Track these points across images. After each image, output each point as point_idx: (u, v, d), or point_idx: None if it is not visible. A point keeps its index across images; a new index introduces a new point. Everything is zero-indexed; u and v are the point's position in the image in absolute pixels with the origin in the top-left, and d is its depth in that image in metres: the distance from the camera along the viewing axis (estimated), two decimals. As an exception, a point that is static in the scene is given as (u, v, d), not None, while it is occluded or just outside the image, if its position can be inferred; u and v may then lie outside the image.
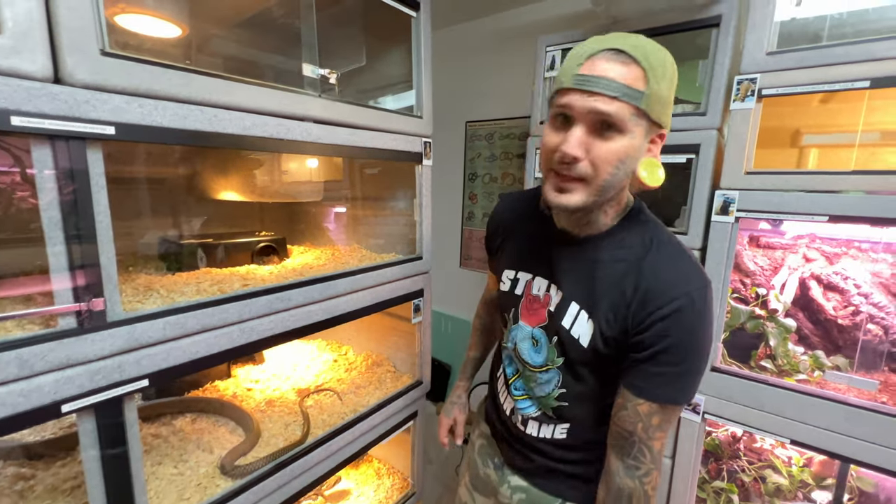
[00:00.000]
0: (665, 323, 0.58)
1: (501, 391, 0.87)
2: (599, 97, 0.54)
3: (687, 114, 1.22)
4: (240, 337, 0.87)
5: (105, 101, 0.65)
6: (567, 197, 0.60)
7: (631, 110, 0.55)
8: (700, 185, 1.19)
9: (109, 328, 0.68)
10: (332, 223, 1.70)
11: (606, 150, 0.56)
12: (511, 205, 0.87)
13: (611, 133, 0.56)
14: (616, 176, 0.59)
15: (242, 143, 0.83)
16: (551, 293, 0.72)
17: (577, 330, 0.67)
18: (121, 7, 0.94)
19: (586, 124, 0.57)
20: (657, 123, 0.59)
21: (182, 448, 1.05)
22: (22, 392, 0.61)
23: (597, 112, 0.55)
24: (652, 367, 0.61)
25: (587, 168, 0.58)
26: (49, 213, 0.62)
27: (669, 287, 0.59)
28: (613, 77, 0.54)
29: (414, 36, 1.24)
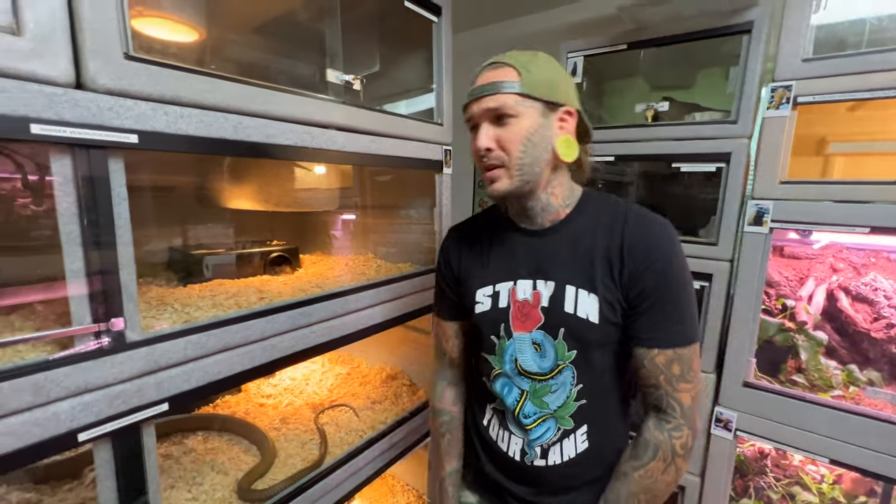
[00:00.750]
0: (657, 272, 0.66)
1: (500, 437, 0.79)
2: (485, 98, 0.67)
3: (716, 122, 1.19)
4: (261, 355, 0.82)
5: (130, 108, 0.61)
6: (498, 183, 0.69)
7: (514, 97, 0.66)
8: (731, 195, 1.16)
9: (129, 349, 0.64)
10: (342, 231, 1.66)
11: (508, 133, 0.67)
12: (460, 234, 0.86)
13: (506, 120, 0.67)
14: (527, 153, 0.67)
15: (266, 152, 0.79)
16: (540, 289, 0.72)
17: (583, 310, 0.69)
18: (138, 10, 0.90)
19: (487, 122, 0.68)
20: (553, 102, 0.68)
21: (196, 470, 1.00)
22: (37, 421, 0.56)
23: (487, 109, 0.67)
24: (655, 315, 0.66)
25: (500, 153, 0.68)
26: (68, 227, 0.58)
27: (650, 235, 0.67)
28: (491, 80, 0.67)
29: (435, 41, 1.21)
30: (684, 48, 1.32)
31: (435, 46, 1.21)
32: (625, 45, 1.28)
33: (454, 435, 0.89)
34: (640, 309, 0.67)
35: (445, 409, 0.89)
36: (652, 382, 0.68)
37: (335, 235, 1.70)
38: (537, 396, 0.74)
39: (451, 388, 0.90)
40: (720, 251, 1.18)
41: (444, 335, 0.88)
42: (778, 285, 1.36)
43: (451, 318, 0.87)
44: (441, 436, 0.89)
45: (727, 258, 1.18)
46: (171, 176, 1.33)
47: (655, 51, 1.33)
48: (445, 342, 0.88)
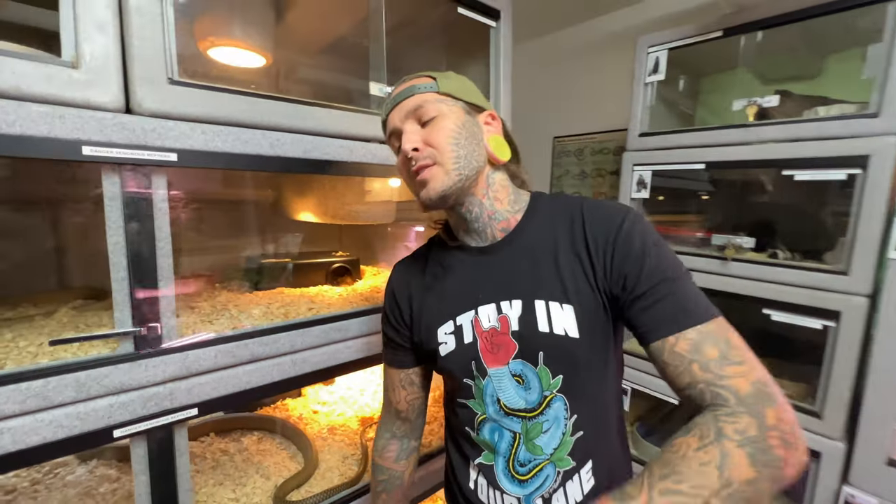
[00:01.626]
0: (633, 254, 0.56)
1: (492, 499, 0.66)
2: (404, 101, 0.63)
3: (846, 117, 0.93)
4: (291, 368, 0.83)
5: (171, 128, 0.66)
6: (430, 185, 0.61)
7: (433, 96, 0.62)
8: (869, 211, 0.89)
9: (163, 355, 0.68)
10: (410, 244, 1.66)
11: (436, 129, 0.61)
12: (406, 270, 0.76)
13: (430, 120, 0.62)
14: (459, 147, 0.61)
15: (303, 167, 0.80)
16: (506, 311, 0.62)
17: (559, 326, 0.59)
18: (210, 41, 1.00)
19: (411, 123, 0.63)
20: (474, 105, 0.65)
21: (243, 470, 1.05)
22: (79, 415, 0.62)
23: (410, 108, 0.62)
24: (652, 299, 0.53)
25: (431, 151, 0.61)
26: (114, 238, 0.63)
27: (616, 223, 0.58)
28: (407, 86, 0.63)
29: (493, 47, 1.15)
30: (805, 29, 1.07)
31: (493, 52, 1.15)
32: (720, 31, 1.08)
33: (391, 496, 0.80)
34: (633, 300, 0.55)
35: (385, 466, 0.80)
36: (686, 380, 0.49)
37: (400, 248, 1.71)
38: (529, 439, 0.62)
39: (395, 443, 0.80)
40: (853, 283, 0.91)
41: (391, 384, 0.78)
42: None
43: (401, 366, 0.75)
44: (376, 495, 0.80)
45: (864, 292, 0.90)
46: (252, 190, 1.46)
47: (764, 37, 1.10)
48: (392, 392, 0.78)
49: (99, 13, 0.59)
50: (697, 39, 1.12)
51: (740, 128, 1.06)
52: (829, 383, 0.95)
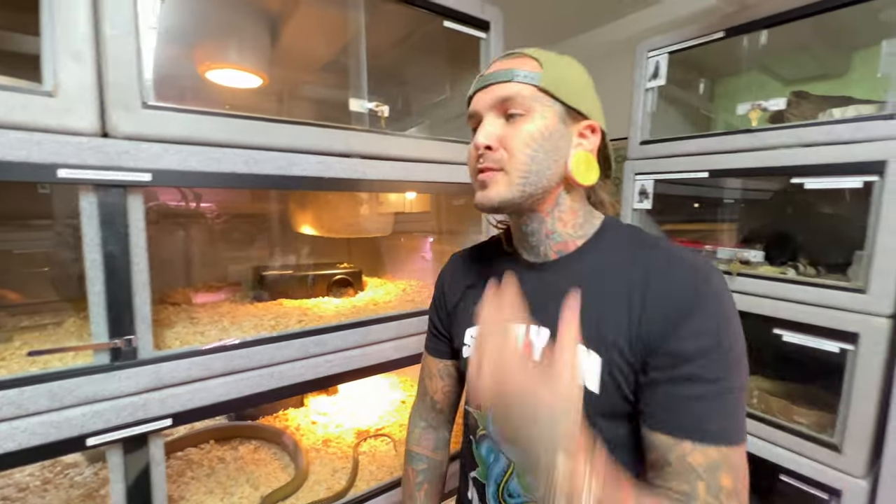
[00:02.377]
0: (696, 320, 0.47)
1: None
2: (496, 85, 0.56)
3: (863, 118, 0.84)
4: (268, 381, 0.84)
5: (144, 150, 0.69)
6: (490, 190, 0.56)
7: (531, 89, 0.54)
8: (888, 221, 0.80)
9: (137, 367, 0.70)
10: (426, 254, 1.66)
11: (516, 132, 0.55)
12: (460, 261, 0.75)
13: (517, 117, 0.55)
14: (535, 159, 0.55)
15: (279, 183, 0.82)
16: (532, 337, 0.58)
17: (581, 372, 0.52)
18: (207, 64, 1.05)
19: (493, 114, 0.57)
20: (576, 111, 0.56)
21: (235, 478, 1.07)
22: (52, 423, 0.65)
23: (496, 98, 0.56)
24: (688, 387, 0.46)
25: (502, 154, 0.56)
26: (92, 255, 0.67)
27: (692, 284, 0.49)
28: (507, 67, 0.56)
29: (483, 59, 1.14)
30: (819, 25, 0.99)
31: (483, 64, 1.14)
32: (721, 32, 1.01)
33: (433, 486, 0.76)
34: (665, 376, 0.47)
35: (425, 455, 0.77)
36: (684, 489, 0.45)
37: (406, 260, 1.71)
38: (522, 475, 0.59)
39: (432, 432, 0.78)
40: (871, 302, 0.82)
41: (429, 373, 0.77)
42: None
43: (439, 356, 0.75)
44: (418, 486, 0.76)
45: (885, 313, 0.81)
46: (258, 204, 1.51)
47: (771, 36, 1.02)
48: (430, 380, 0.77)
49: (76, 44, 0.63)
50: (698, 42, 1.06)
51: (745, 133, 0.99)
52: (849, 413, 0.86)
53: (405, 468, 0.80)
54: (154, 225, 1.22)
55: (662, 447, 0.47)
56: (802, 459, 0.93)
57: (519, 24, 1.72)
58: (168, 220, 1.32)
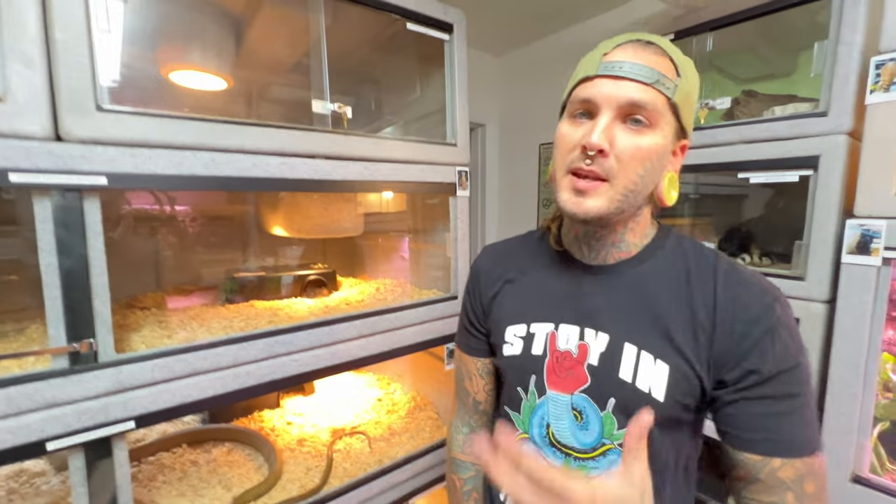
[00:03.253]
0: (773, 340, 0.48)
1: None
2: (633, 83, 0.48)
3: (798, 116, 0.90)
4: (234, 382, 0.84)
5: (100, 153, 0.69)
6: (586, 200, 0.51)
7: (664, 101, 0.49)
8: (823, 213, 0.85)
9: (96, 370, 0.71)
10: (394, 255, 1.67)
11: (636, 144, 0.49)
12: (495, 254, 0.71)
13: (640, 127, 0.50)
14: (643, 179, 0.51)
15: (241, 185, 0.83)
16: (588, 340, 0.56)
17: (644, 381, 0.52)
18: (170, 66, 1.04)
19: (614, 114, 0.50)
20: (683, 129, 0.53)
21: (207, 480, 1.07)
22: (10, 429, 0.65)
23: (629, 100, 0.49)
24: (775, 404, 0.48)
25: (613, 164, 0.50)
26: (47, 259, 0.67)
27: (760, 303, 0.50)
28: (649, 64, 0.49)
29: (447, 60, 1.16)
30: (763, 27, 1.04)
31: (447, 64, 1.16)
32: (672, 34, 1.06)
33: (482, 495, 0.72)
34: (751, 395, 0.49)
35: (471, 462, 0.73)
36: (773, 500, 0.48)
37: (381, 260, 1.73)
38: None
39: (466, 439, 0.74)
40: (809, 288, 0.87)
41: (467, 372, 0.72)
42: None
43: (477, 354, 0.71)
44: (465, 496, 0.72)
45: (821, 298, 0.86)
46: (232, 206, 1.50)
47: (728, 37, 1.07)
48: (469, 381, 0.72)
49: (25, 49, 0.63)
50: (651, 43, 1.10)
51: (694, 130, 1.04)
52: (792, 394, 0.91)
53: (449, 477, 0.76)
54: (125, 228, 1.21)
55: (751, 465, 0.49)
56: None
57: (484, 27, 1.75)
58: (140, 224, 1.31)
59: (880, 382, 0.85)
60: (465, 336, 0.72)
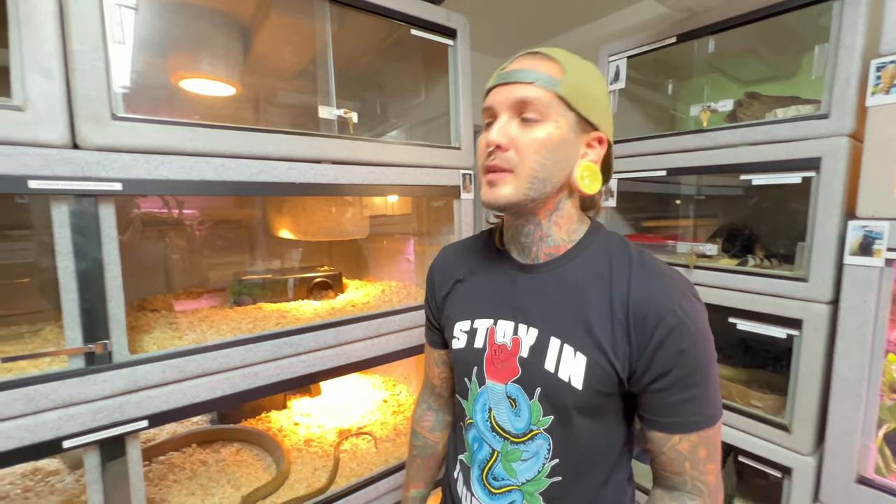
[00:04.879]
0: (680, 337, 0.53)
1: (464, 496, 0.68)
2: (517, 85, 0.56)
3: (800, 118, 0.90)
4: (242, 382, 0.86)
5: (115, 160, 0.71)
6: (497, 189, 0.58)
7: (549, 96, 0.55)
8: (825, 214, 0.85)
9: (111, 370, 0.73)
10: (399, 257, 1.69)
11: (530, 137, 0.56)
12: (449, 255, 0.77)
13: (532, 121, 0.56)
14: (544, 166, 0.57)
15: (251, 189, 0.85)
16: (520, 335, 0.61)
17: (565, 371, 0.57)
18: (180, 74, 1.07)
19: (509, 114, 0.57)
20: (588, 122, 0.58)
21: (216, 480, 1.09)
22: (28, 427, 0.67)
23: (517, 98, 0.56)
24: (677, 394, 0.54)
25: (513, 156, 0.57)
26: (64, 263, 0.69)
27: (670, 297, 0.54)
28: (531, 67, 0.56)
29: (451, 65, 1.18)
30: (770, 30, 1.05)
31: (451, 69, 1.18)
32: (673, 37, 1.07)
33: (424, 462, 0.83)
34: (655, 388, 0.55)
35: (421, 434, 0.84)
36: (674, 469, 0.57)
37: (386, 263, 1.74)
38: (507, 461, 0.63)
39: (432, 415, 0.84)
40: (812, 289, 0.87)
41: (428, 361, 0.82)
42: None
43: (434, 346, 0.79)
44: (412, 459, 0.84)
45: (825, 300, 0.86)
46: (240, 210, 1.53)
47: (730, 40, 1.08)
48: (429, 368, 0.82)
49: (44, 60, 0.65)
50: (653, 47, 1.11)
51: (697, 133, 1.05)
52: (796, 395, 0.91)
53: (409, 442, 0.87)
54: (135, 233, 1.24)
55: (657, 440, 0.57)
56: (757, 440, 0.98)
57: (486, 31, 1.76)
58: (150, 228, 1.33)
59: (885, 383, 0.85)
60: (427, 329, 0.81)
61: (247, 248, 1.58)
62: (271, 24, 1.10)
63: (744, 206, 1.29)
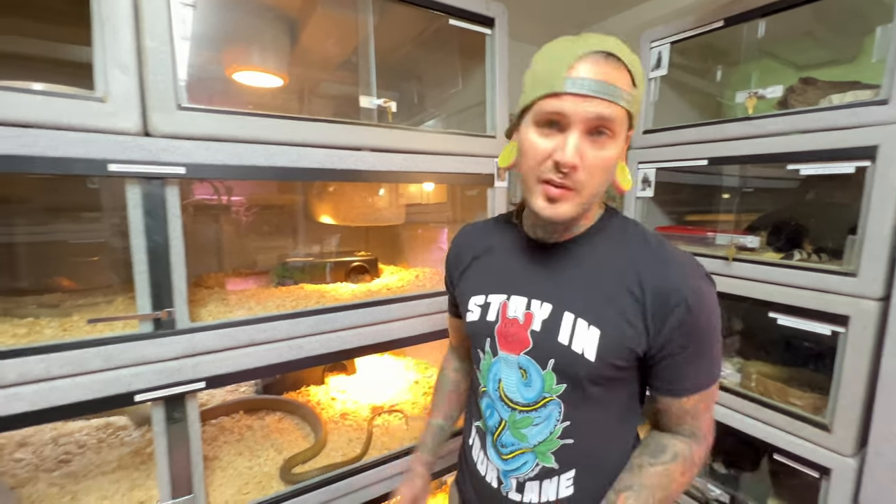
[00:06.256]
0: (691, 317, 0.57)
1: (479, 460, 0.73)
2: (603, 102, 0.53)
3: (856, 104, 0.85)
4: (287, 353, 0.94)
5: (179, 146, 0.79)
6: (559, 207, 0.58)
7: (624, 113, 0.55)
8: (879, 206, 0.81)
9: (174, 335, 0.81)
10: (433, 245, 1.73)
11: (601, 157, 0.55)
12: (469, 233, 0.81)
13: (604, 139, 0.55)
14: (604, 184, 0.58)
15: (295, 174, 0.91)
16: (533, 310, 0.64)
17: (578, 343, 0.60)
18: (233, 67, 1.15)
19: (581, 129, 0.55)
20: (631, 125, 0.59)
21: (262, 443, 1.19)
22: (107, 381, 0.76)
23: (595, 115, 0.53)
24: (689, 363, 0.59)
25: (582, 177, 0.56)
26: (136, 240, 0.78)
27: (682, 275, 0.58)
28: (615, 82, 0.53)
29: (488, 53, 1.19)
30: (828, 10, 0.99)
31: (488, 58, 1.19)
32: (721, 21, 1.03)
33: (446, 396, 0.90)
34: (670, 359, 0.59)
35: (446, 370, 0.92)
36: (677, 422, 0.64)
37: (422, 249, 1.79)
38: (516, 428, 0.66)
39: (456, 361, 0.92)
40: (861, 285, 0.83)
41: (451, 329, 0.91)
42: None
43: (454, 315, 0.87)
44: (436, 390, 0.92)
45: (875, 296, 0.82)
46: (284, 196, 1.62)
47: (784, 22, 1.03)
48: (452, 335, 0.91)
49: (122, 57, 0.73)
50: (698, 31, 1.07)
51: (742, 121, 1.01)
52: (839, 394, 0.87)
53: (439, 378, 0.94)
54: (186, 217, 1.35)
55: (667, 403, 0.63)
56: (795, 439, 0.95)
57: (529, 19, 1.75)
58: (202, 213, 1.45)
59: (942, 387, 0.80)
60: (449, 300, 0.87)
61: (290, 232, 1.67)
62: (317, 17, 1.16)
63: (790, 198, 1.23)
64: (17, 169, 0.68)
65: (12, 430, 0.73)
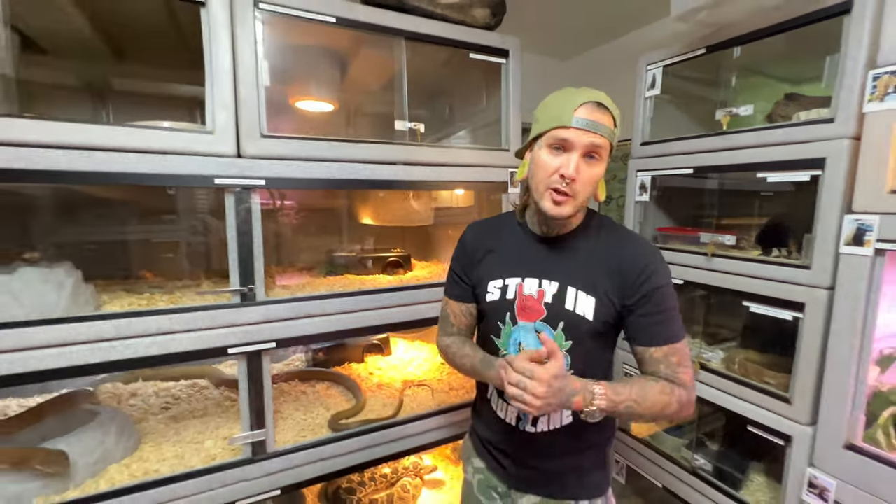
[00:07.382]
0: (652, 281, 0.79)
1: (500, 406, 0.92)
2: (596, 135, 0.76)
3: (811, 122, 0.99)
4: (336, 324, 1.19)
5: (260, 164, 1.06)
6: (562, 208, 0.79)
7: (607, 143, 0.78)
8: (827, 209, 0.94)
9: (254, 306, 1.08)
10: None
11: (591, 173, 0.78)
12: (479, 230, 0.98)
13: (594, 161, 0.78)
14: (591, 193, 0.81)
15: (346, 185, 1.17)
16: (545, 287, 0.85)
17: (581, 308, 0.82)
18: (297, 97, 1.43)
19: (580, 153, 0.77)
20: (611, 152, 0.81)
21: (314, 403, 1.45)
22: (210, 337, 1.04)
23: (591, 143, 0.76)
24: (653, 318, 0.79)
25: (577, 187, 0.77)
26: (231, 233, 1.05)
27: (645, 257, 0.81)
28: (603, 122, 0.76)
29: (503, 80, 1.40)
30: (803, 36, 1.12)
31: (503, 84, 1.40)
32: (703, 49, 1.18)
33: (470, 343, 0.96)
34: (637, 315, 0.80)
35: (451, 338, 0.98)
36: (653, 370, 0.80)
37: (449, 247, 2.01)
38: None
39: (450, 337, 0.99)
40: (814, 276, 0.97)
41: (452, 312, 0.98)
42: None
43: (462, 300, 0.97)
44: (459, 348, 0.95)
45: (824, 285, 0.95)
46: (331, 201, 1.90)
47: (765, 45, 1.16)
48: (454, 318, 0.98)
49: (225, 99, 1.01)
50: (685, 57, 1.23)
51: (720, 135, 1.16)
52: (798, 372, 1.01)
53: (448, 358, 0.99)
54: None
55: (641, 353, 0.81)
56: (764, 412, 1.08)
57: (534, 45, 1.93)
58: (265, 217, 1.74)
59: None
60: (454, 287, 0.98)
61: (335, 231, 1.95)
62: (362, 55, 1.42)
63: (786, 202, 1.35)
64: (159, 183, 0.97)
65: (150, 367, 1.01)
